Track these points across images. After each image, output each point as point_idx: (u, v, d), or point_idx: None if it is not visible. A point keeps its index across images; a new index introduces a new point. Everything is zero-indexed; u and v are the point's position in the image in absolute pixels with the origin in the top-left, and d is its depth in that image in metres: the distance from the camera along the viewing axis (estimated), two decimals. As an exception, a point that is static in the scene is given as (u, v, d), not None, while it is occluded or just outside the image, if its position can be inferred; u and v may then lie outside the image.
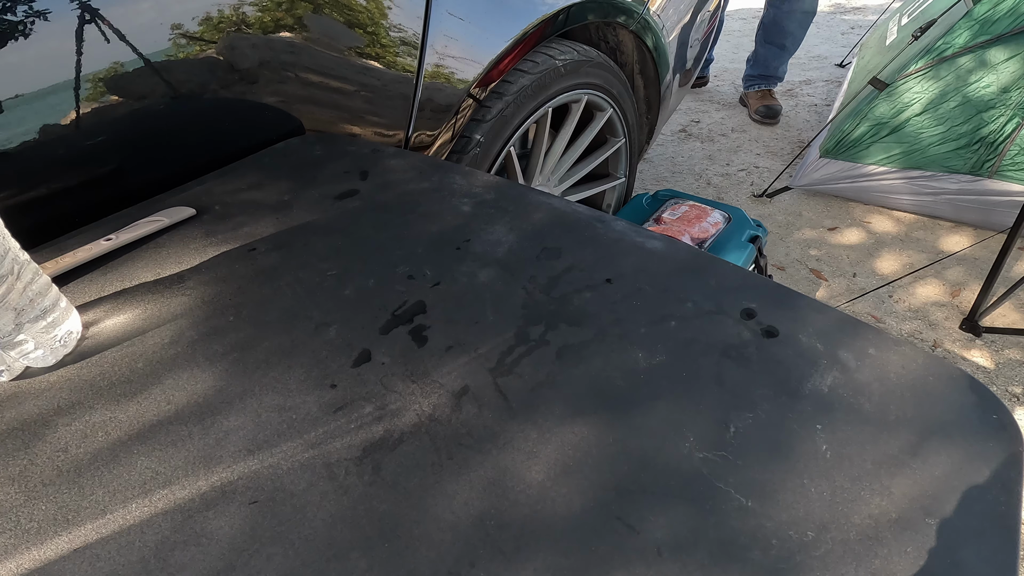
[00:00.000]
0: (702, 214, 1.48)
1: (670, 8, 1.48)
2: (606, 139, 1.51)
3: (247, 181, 0.81)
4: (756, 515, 0.43)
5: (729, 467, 0.46)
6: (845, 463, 0.46)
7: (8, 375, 0.56)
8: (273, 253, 0.69)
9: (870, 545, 0.41)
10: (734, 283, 0.62)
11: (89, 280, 0.66)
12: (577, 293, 0.62)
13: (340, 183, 0.80)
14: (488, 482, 0.46)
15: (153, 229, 0.72)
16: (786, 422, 0.49)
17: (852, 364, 0.53)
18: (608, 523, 0.43)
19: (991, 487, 0.44)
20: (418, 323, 0.59)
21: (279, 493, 0.46)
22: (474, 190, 0.78)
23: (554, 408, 0.51)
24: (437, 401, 0.52)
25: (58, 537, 0.44)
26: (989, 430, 0.48)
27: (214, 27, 0.80)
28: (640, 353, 0.55)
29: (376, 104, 0.99)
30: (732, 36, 3.93)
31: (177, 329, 0.59)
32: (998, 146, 1.81)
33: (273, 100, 0.88)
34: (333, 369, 0.55)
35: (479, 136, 1.11)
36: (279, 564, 0.42)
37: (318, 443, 0.49)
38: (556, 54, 1.20)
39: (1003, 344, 1.63)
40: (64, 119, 0.71)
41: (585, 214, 0.73)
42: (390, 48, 0.97)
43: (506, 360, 0.55)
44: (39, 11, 0.67)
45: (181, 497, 0.46)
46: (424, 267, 0.66)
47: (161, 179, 0.82)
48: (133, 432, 0.50)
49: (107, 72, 0.73)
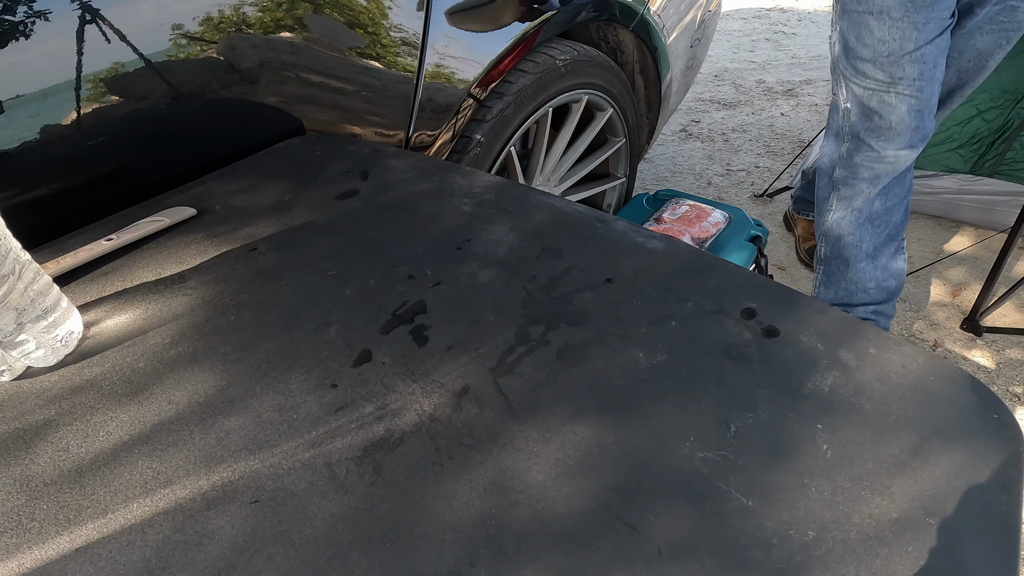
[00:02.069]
0: (702, 214, 1.48)
1: (670, 8, 1.48)
2: (606, 139, 1.51)
3: (248, 181, 0.81)
4: (757, 515, 0.43)
5: (730, 467, 0.46)
6: (846, 463, 0.46)
7: (9, 375, 0.56)
8: (274, 253, 0.69)
9: (871, 545, 0.41)
10: (735, 283, 0.62)
11: (90, 280, 0.66)
12: (578, 293, 0.62)
13: (341, 183, 0.80)
14: (489, 482, 0.46)
15: (154, 229, 0.72)
16: (787, 422, 0.49)
17: (853, 364, 0.53)
18: (609, 523, 0.43)
19: (992, 487, 0.44)
20: (419, 323, 0.59)
21: (280, 493, 0.46)
22: (475, 190, 0.78)
23: (555, 408, 0.51)
24: (438, 401, 0.52)
25: (59, 537, 0.44)
26: (990, 430, 0.48)
27: (215, 27, 0.80)
28: (641, 353, 0.55)
29: (376, 104, 0.99)
30: (732, 36, 3.93)
31: (178, 329, 0.60)
32: (998, 145, 1.81)
33: (274, 100, 0.88)
34: (334, 369, 0.55)
35: (479, 136, 1.11)
36: (280, 564, 0.42)
37: (319, 443, 0.49)
38: (556, 54, 1.20)
39: (1004, 344, 1.63)
40: (65, 119, 0.72)
41: (586, 214, 0.73)
42: (390, 48, 0.97)
43: (507, 360, 0.55)
44: (39, 11, 0.67)
45: (182, 497, 0.46)
46: (425, 267, 0.66)
47: (162, 179, 0.82)
48: (134, 432, 0.50)
49: (107, 72, 0.73)
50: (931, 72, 1.19)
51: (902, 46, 1.16)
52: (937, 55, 1.19)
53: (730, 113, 2.93)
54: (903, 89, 1.20)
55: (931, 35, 1.16)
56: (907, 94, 1.21)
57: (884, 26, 1.16)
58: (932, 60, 1.18)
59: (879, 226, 1.43)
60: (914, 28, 1.14)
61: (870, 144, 1.31)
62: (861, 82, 1.24)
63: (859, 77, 1.24)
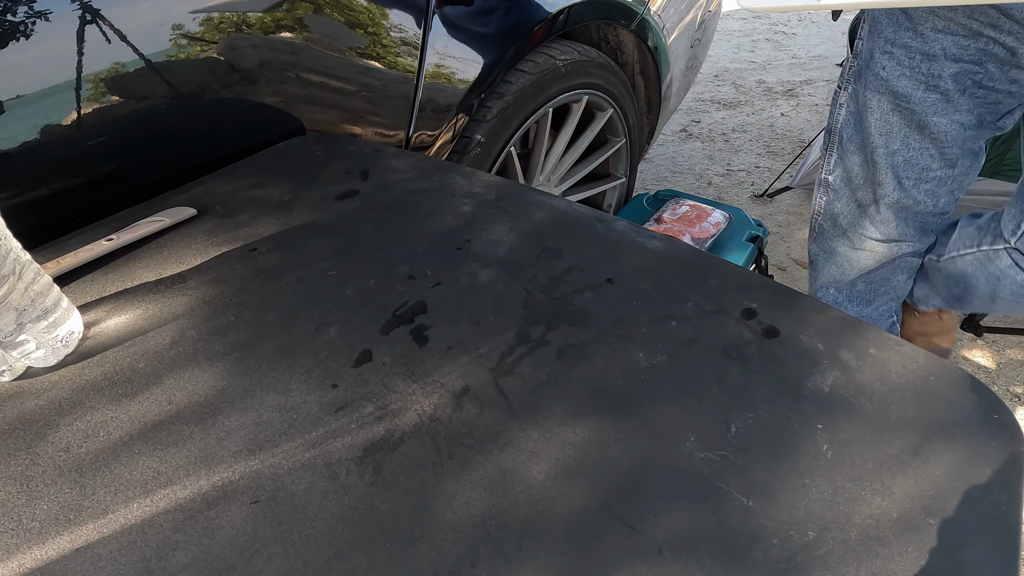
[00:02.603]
0: (703, 214, 1.48)
1: (671, 8, 1.48)
2: (607, 139, 1.51)
3: (248, 181, 0.82)
4: (757, 515, 0.43)
5: (730, 467, 0.46)
6: (846, 463, 0.46)
7: (10, 375, 0.56)
8: (274, 253, 0.69)
9: (871, 545, 0.41)
10: (735, 283, 0.62)
11: (90, 280, 0.66)
12: (578, 293, 0.62)
13: (341, 183, 0.80)
14: (489, 482, 0.46)
15: (154, 229, 0.72)
16: (787, 422, 0.49)
17: (853, 364, 0.53)
18: (609, 523, 0.43)
19: (992, 487, 0.44)
20: (419, 323, 0.59)
21: (280, 493, 0.46)
22: (475, 190, 0.78)
23: (555, 408, 0.51)
24: (438, 401, 0.52)
25: (60, 537, 0.44)
26: (990, 430, 0.48)
27: (215, 27, 0.80)
28: (641, 353, 0.55)
29: (377, 104, 0.99)
30: (732, 36, 3.93)
31: (178, 329, 0.60)
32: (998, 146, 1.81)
33: (274, 100, 0.88)
34: (334, 369, 0.55)
35: (480, 136, 1.11)
36: (280, 564, 0.42)
37: (319, 443, 0.49)
38: (557, 54, 1.20)
39: (1004, 344, 1.63)
40: (65, 119, 0.72)
41: (586, 214, 0.73)
42: (391, 48, 0.97)
43: (507, 360, 0.55)
44: (39, 11, 0.67)
45: (182, 497, 0.46)
46: (425, 267, 0.66)
47: (162, 179, 0.82)
48: (135, 432, 0.50)
49: (108, 72, 0.73)
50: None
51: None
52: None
53: (730, 113, 2.93)
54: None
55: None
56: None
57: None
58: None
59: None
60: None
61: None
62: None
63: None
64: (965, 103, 0.95)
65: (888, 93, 0.99)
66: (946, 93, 0.94)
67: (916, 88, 0.96)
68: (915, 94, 0.96)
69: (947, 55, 0.91)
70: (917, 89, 0.96)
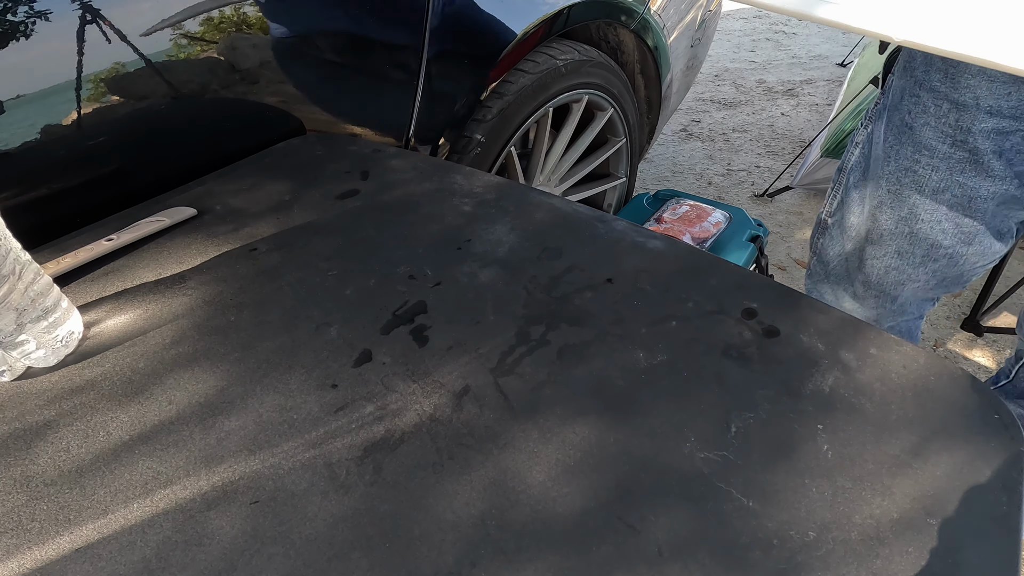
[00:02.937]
0: (703, 214, 1.48)
1: (671, 8, 1.48)
2: (607, 139, 1.51)
3: (248, 181, 0.81)
4: (757, 515, 0.43)
5: (730, 467, 0.46)
6: (846, 463, 0.46)
7: (10, 375, 0.56)
8: (274, 253, 0.69)
9: (871, 545, 0.41)
10: (735, 283, 0.62)
11: (90, 280, 0.66)
12: (578, 293, 0.62)
13: (341, 183, 0.80)
14: (489, 482, 0.46)
15: (154, 229, 0.72)
16: (787, 422, 0.49)
17: (853, 364, 0.53)
18: (609, 523, 0.43)
19: (993, 487, 0.44)
20: (419, 323, 0.59)
21: (280, 493, 0.46)
22: (475, 190, 0.78)
23: (555, 408, 0.51)
24: (438, 401, 0.52)
25: (60, 537, 0.44)
26: (990, 430, 0.48)
27: (215, 27, 0.80)
28: (641, 353, 0.55)
29: (377, 104, 0.99)
30: (732, 36, 3.93)
31: (178, 329, 0.60)
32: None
33: (274, 100, 0.88)
34: (334, 369, 0.55)
35: (480, 136, 1.11)
36: (280, 564, 0.42)
37: (319, 443, 0.49)
38: (557, 54, 1.20)
39: (1004, 344, 1.63)
40: (65, 119, 0.72)
41: (586, 214, 0.73)
42: (391, 48, 0.97)
43: (507, 360, 0.55)
44: (39, 11, 0.67)
45: (182, 497, 0.46)
46: (425, 267, 0.66)
47: (162, 179, 0.82)
48: (135, 432, 0.50)
49: (108, 72, 0.73)
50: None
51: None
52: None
53: (730, 113, 2.93)
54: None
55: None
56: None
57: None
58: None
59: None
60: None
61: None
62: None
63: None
64: (999, 168, 0.77)
65: (910, 144, 0.83)
66: (975, 152, 0.77)
67: (941, 142, 0.80)
68: (940, 148, 0.80)
69: (980, 106, 0.74)
70: (942, 143, 0.79)
